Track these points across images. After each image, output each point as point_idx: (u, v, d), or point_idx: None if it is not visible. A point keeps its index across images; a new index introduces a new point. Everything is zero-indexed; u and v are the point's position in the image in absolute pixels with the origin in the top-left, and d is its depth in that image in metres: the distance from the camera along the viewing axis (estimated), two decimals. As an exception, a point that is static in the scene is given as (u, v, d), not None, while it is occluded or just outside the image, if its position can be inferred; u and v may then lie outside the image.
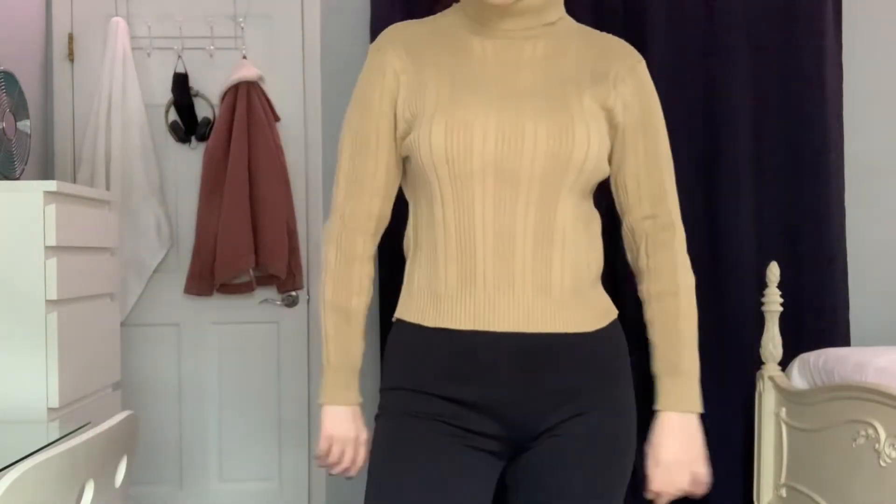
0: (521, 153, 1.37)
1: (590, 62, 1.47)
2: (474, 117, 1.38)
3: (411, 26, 1.52)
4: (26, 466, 1.22)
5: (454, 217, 1.40)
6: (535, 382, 1.41)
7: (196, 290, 3.28)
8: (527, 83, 1.43)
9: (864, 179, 3.47)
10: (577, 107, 1.41)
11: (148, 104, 3.34)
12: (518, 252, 1.39)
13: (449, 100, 1.40)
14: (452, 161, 1.37)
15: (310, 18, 3.43)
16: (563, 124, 1.39)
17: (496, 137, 1.37)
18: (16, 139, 2.51)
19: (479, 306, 1.40)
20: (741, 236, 3.32)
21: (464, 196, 1.39)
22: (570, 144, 1.38)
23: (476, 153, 1.37)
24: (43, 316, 2.22)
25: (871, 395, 2.40)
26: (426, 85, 1.43)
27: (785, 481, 2.83)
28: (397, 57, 1.46)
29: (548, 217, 1.40)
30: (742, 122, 3.33)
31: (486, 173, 1.37)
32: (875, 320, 3.46)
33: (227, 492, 3.44)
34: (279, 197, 3.26)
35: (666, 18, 3.32)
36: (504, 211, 1.38)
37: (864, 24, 3.47)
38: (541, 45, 1.46)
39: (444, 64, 1.45)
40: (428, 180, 1.42)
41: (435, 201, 1.42)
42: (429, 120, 1.39)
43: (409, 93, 1.44)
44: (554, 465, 1.42)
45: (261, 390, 3.44)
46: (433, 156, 1.38)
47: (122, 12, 3.34)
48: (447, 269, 1.41)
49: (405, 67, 1.45)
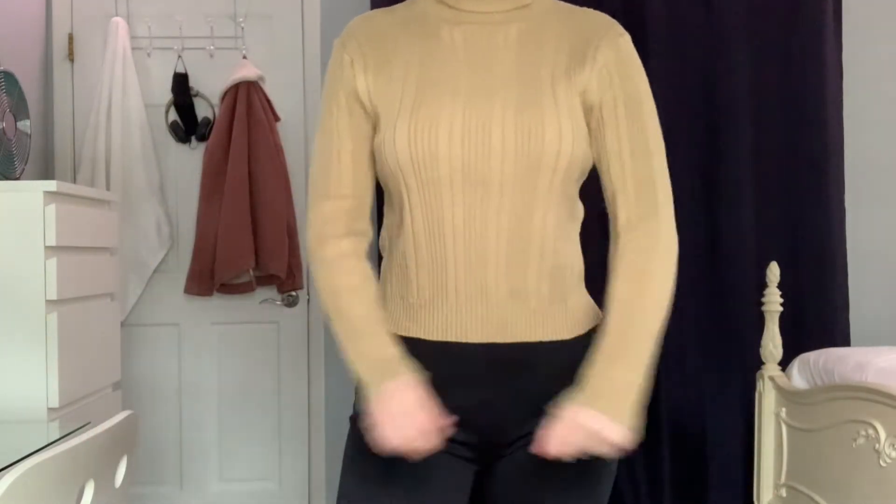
0: (489, 156, 1.28)
1: (568, 40, 1.36)
2: (439, 118, 1.29)
3: (377, 16, 1.41)
4: (26, 466, 1.22)
5: (424, 224, 1.32)
6: (511, 391, 1.34)
7: (196, 290, 3.28)
8: (497, 74, 1.32)
9: (864, 179, 3.47)
10: (549, 98, 1.31)
11: (148, 104, 3.34)
12: (491, 260, 1.30)
13: (414, 98, 1.31)
14: (418, 166, 1.29)
15: (310, 18, 3.43)
16: (532, 121, 1.29)
17: (462, 139, 1.28)
18: (16, 139, 2.51)
19: (451, 317, 1.33)
20: (741, 236, 3.32)
21: (432, 203, 1.30)
22: (539, 143, 1.28)
23: (442, 158, 1.28)
24: (43, 316, 2.22)
25: (871, 395, 2.40)
26: (391, 80, 1.34)
27: (785, 481, 2.83)
28: (358, 51, 1.36)
29: (524, 223, 1.30)
30: (742, 123, 3.33)
31: (453, 178, 1.28)
32: (875, 320, 3.46)
33: (227, 492, 3.44)
34: (279, 197, 3.26)
35: (666, 18, 3.32)
36: (475, 217, 1.29)
37: (864, 24, 3.47)
38: (514, 28, 1.36)
39: (411, 56, 1.35)
40: (395, 185, 1.34)
41: (403, 207, 1.34)
42: (392, 122, 1.31)
43: (374, 89, 1.35)
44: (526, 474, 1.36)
45: (261, 390, 3.44)
46: (399, 161, 1.30)
47: (122, 12, 3.34)
48: (418, 278, 1.34)
49: (366, 63, 1.36)
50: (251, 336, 3.44)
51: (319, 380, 3.45)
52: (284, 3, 3.42)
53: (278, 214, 3.25)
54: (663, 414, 3.30)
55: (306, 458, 3.46)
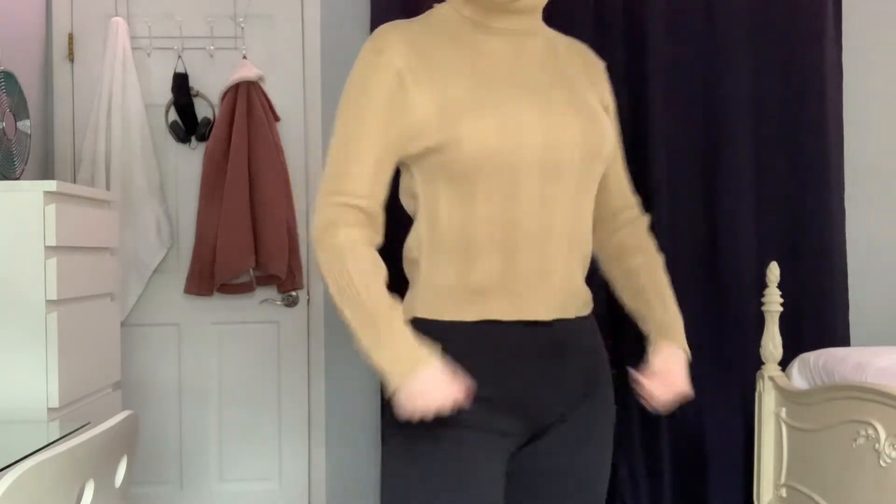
0: (565, 146, 1.39)
1: (574, 58, 1.54)
2: (519, 111, 1.37)
3: (411, 25, 1.46)
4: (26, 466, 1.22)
5: (500, 210, 1.38)
6: (555, 370, 1.43)
7: (196, 290, 3.28)
8: (543, 78, 1.44)
9: (864, 179, 3.47)
10: (591, 99, 1.48)
11: (148, 104, 3.34)
12: (554, 242, 1.41)
13: (485, 95, 1.38)
14: (501, 155, 1.36)
15: (310, 18, 3.43)
16: (591, 117, 1.44)
17: (543, 130, 1.38)
18: (16, 139, 2.51)
19: (521, 297, 1.40)
20: (741, 236, 3.32)
21: (509, 189, 1.37)
22: (600, 136, 1.44)
23: (526, 146, 1.36)
24: (43, 316, 2.22)
25: (871, 395, 2.40)
26: (444, 83, 1.38)
27: (785, 481, 2.83)
28: (400, 56, 1.40)
29: (577, 208, 1.44)
30: (742, 123, 3.34)
31: (532, 167, 1.37)
32: (875, 320, 3.46)
33: (227, 492, 3.44)
34: (279, 197, 3.26)
35: (666, 18, 3.32)
36: (546, 204, 1.40)
37: (864, 24, 3.47)
38: (537, 43, 1.48)
39: (459, 61, 1.41)
40: (467, 176, 1.37)
41: (475, 195, 1.38)
42: (471, 115, 1.36)
43: (424, 92, 1.38)
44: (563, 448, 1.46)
45: (261, 390, 3.44)
46: (484, 151, 1.35)
47: (122, 12, 3.34)
48: (490, 261, 1.39)
49: (411, 67, 1.39)
50: (251, 336, 3.44)
51: (319, 380, 3.45)
52: (284, 3, 3.42)
53: (278, 214, 3.25)
54: (663, 414, 3.30)
55: (306, 458, 3.46)
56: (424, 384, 1.30)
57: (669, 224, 3.28)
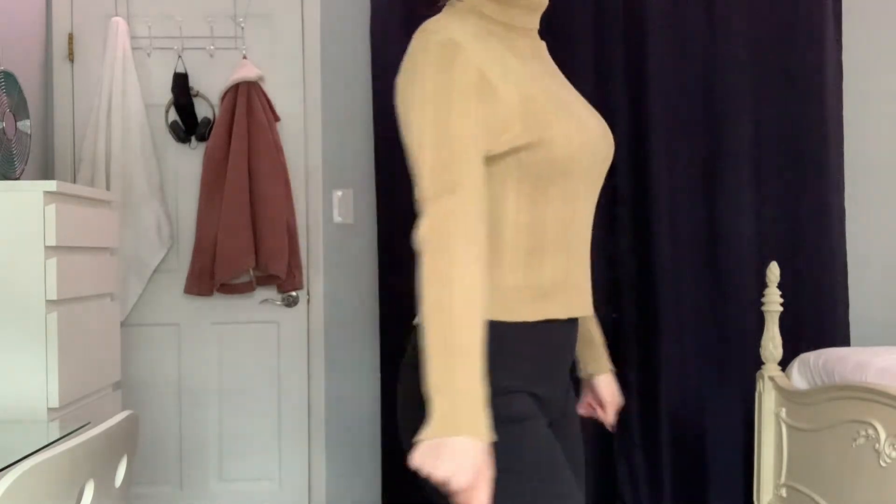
0: (605, 149, 1.45)
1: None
2: (578, 110, 1.41)
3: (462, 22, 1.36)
4: (26, 466, 1.22)
5: (565, 211, 1.40)
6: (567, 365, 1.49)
7: (196, 290, 3.29)
8: (560, 77, 1.49)
9: (864, 179, 3.47)
10: None
11: (148, 104, 3.34)
12: (585, 243, 1.46)
13: (555, 93, 1.39)
14: (579, 158, 1.38)
15: (310, 18, 3.43)
16: (604, 122, 1.49)
17: (592, 130, 1.42)
18: (16, 139, 2.51)
19: (575, 295, 1.44)
20: (741, 236, 3.32)
21: (570, 192, 1.40)
22: (612, 141, 1.49)
23: (590, 151, 1.40)
24: (43, 316, 2.22)
25: (871, 395, 2.40)
26: (515, 80, 1.34)
27: (785, 481, 2.83)
28: (475, 52, 1.32)
29: (593, 210, 1.49)
30: (742, 123, 3.34)
31: (589, 169, 1.41)
32: (875, 320, 3.46)
33: (227, 492, 3.44)
34: (279, 197, 3.26)
35: (665, 19, 3.32)
36: (588, 205, 1.45)
37: (864, 24, 3.47)
38: (543, 44, 1.51)
39: (511, 59, 1.38)
40: (550, 177, 1.35)
41: (549, 197, 1.37)
42: (557, 115, 1.35)
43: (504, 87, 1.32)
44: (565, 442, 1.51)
45: (261, 390, 3.44)
46: (572, 151, 1.36)
47: (122, 12, 3.35)
48: (555, 262, 1.40)
49: (486, 65, 1.32)
50: (251, 336, 3.44)
51: (319, 380, 3.45)
52: (284, 3, 3.42)
53: (278, 214, 3.25)
54: (663, 414, 3.30)
55: (306, 458, 3.46)
56: (462, 455, 1.18)
57: (669, 223, 3.28)
